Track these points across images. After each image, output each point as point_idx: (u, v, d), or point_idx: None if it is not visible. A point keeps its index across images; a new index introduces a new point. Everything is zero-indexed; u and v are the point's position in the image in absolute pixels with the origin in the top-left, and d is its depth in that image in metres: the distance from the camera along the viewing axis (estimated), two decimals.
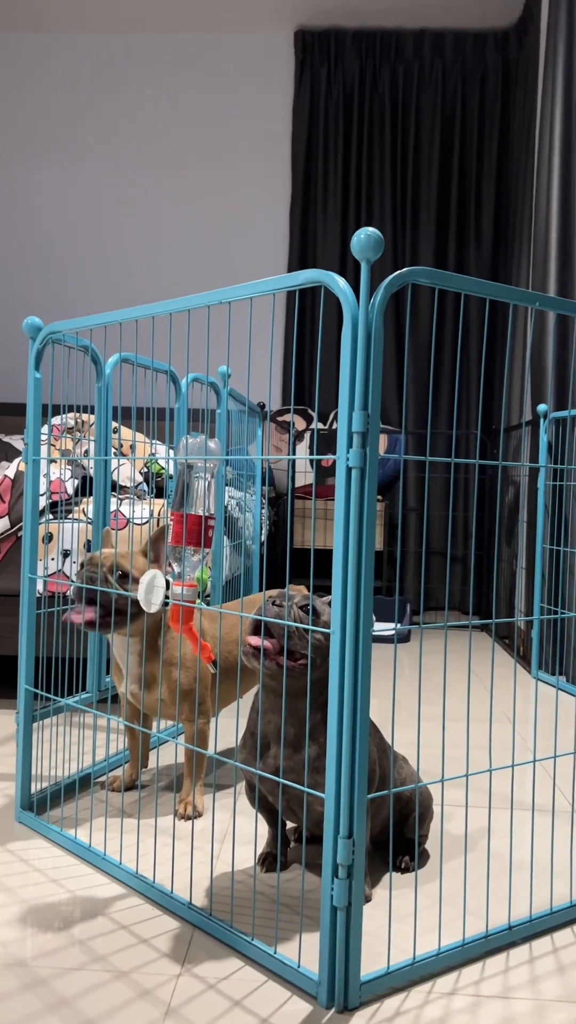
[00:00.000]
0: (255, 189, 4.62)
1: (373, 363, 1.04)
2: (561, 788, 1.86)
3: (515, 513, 3.69)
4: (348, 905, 1.05)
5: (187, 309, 1.24)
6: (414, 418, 4.47)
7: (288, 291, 4.17)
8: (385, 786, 1.31)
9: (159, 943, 1.19)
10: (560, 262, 3.12)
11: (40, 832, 1.54)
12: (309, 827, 1.36)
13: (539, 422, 3.04)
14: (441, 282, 1.09)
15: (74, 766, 1.86)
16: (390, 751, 1.29)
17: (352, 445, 1.04)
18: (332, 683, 1.06)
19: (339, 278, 1.05)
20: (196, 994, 1.07)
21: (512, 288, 1.17)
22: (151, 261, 4.65)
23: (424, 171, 4.48)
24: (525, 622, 2.61)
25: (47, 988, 1.08)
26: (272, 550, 4.05)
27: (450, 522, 1.01)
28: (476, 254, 4.47)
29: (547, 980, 1.13)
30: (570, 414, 2.88)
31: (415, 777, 1.39)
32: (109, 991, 1.08)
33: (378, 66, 4.49)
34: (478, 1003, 1.07)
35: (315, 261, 4.53)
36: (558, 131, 3.13)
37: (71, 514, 2.37)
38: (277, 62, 4.59)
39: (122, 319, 1.33)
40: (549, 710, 2.51)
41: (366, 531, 1.04)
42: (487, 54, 4.46)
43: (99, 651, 1.98)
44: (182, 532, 1.30)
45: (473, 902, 1.33)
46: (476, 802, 1.73)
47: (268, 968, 1.14)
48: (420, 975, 1.13)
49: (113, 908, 1.29)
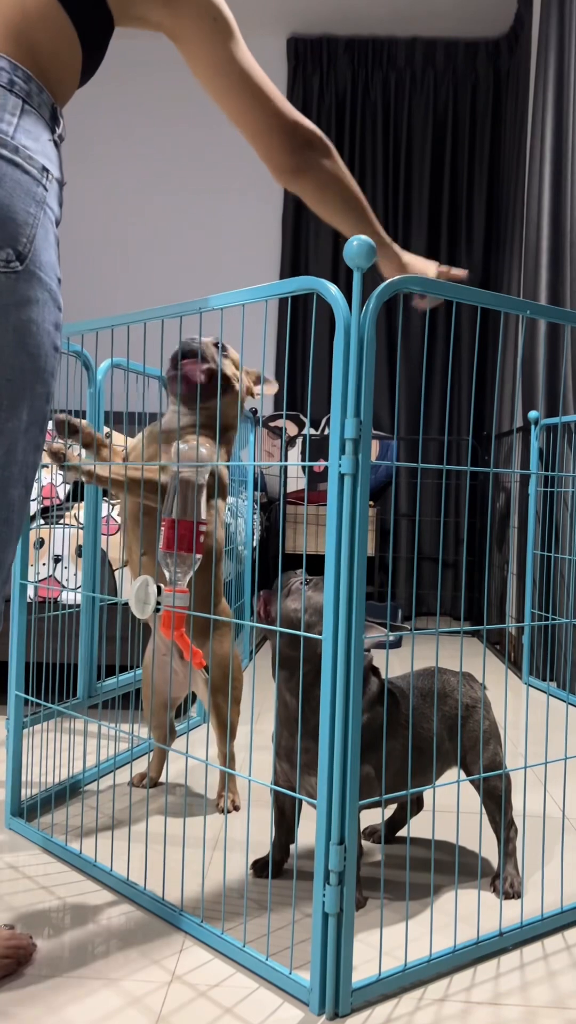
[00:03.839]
0: (248, 196, 4.63)
1: (365, 370, 1.05)
2: (552, 794, 1.86)
3: (506, 519, 3.70)
4: (339, 911, 1.05)
5: (179, 316, 1.24)
6: (406, 424, 4.48)
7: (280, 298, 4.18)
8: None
9: (150, 950, 1.19)
10: (550, 268, 3.13)
11: (30, 839, 1.54)
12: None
13: (530, 428, 3.06)
14: (432, 290, 1.10)
15: (64, 772, 1.86)
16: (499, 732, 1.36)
17: (344, 452, 1.05)
18: (324, 688, 1.06)
19: (331, 286, 1.06)
20: (187, 1001, 1.07)
21: (503, 296, 1.18)
22: (144, 267, 4.65)
23: (416, 178, 4.50)
24: (516, 628, 2.62)
25: (34, 995, 1.08)
26: (264, 555, 4.06)
27: (441, 528, 1.01)
28: (467, 261, 4.49)
29: (537, 986, 1.13)
30: (561, 420, 2.89)
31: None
32: (99, 999, 1.07)
33: (370, 74, 4.51)
34: (468, 1009, 1.07)
35: (307, 268, 4.54)
36: (548, 139, 3.15)
37: (63, 519, 2.36)
38: (270, 69, 4.61)
39: (114, 324, 1.33)
40: (540, 716, 2.51)
41: (358, 537, 1.05)
42: (478, 63, 4.49)
43: (90, 656, 1.98)
44: (174, 538, 1.30)
45: (464, 908, 1.33)
46: (467, 808, 1.73)
47: (259, 975, 1.14)
48: (411, 981, 1.13)
49: (103, 915, 1.28)
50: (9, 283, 0.91)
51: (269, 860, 1.39)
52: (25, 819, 1.60)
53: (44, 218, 0.95)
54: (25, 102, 0.95)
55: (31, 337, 0.94)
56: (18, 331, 0.93)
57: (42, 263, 0.95)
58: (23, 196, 0.92)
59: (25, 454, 0.98)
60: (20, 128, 0.93)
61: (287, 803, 1.37)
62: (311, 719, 1.22)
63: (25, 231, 0.92)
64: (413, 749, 1.29)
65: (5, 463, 0.95)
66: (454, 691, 1.37)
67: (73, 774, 1.81)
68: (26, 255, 0.92)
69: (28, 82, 0.96)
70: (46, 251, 0.96)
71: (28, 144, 0.94)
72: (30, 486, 1.01)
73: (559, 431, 2.93)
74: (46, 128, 0.99)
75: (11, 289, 0.91)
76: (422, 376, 1.62)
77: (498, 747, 1.39)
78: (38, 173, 0.95)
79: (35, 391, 0.96)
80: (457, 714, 1.35)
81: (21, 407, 0.95)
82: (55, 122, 1.01)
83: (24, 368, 0.94)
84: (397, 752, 1.29)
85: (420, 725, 1.32)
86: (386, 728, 1.24)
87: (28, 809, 1.63)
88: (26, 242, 0.92)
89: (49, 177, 0.97)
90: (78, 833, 1.56)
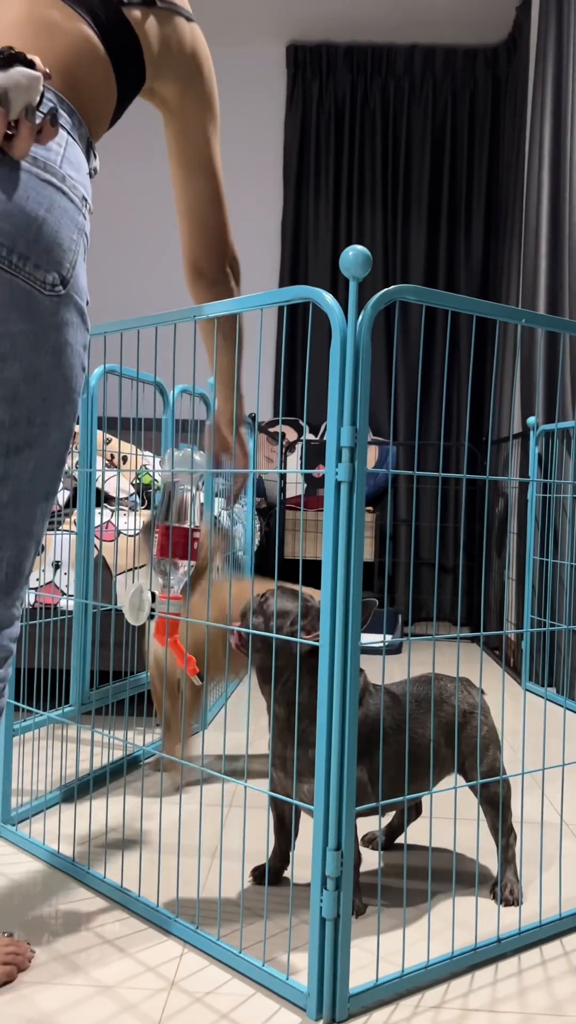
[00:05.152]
0: (247, 202, 4.64)
1: (361, 379, 1.05)
2: (551, 800, 1.86)
3: (505, 524, 3.70)
4: (337, 917, 1.05)
5: (173, 323, 1.25)
6: (404, 429, 4.48)
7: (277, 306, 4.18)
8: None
9: (145, 957, 1.19)
10: (549, 274, 3.14)
11: (22, 847, 1.54)
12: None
13: (528, 434, 3.06)
14: (428, 299, 1.10)
15: (56, 780, 1.86)
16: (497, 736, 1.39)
17: (341, 459, 1.05)
18: (321, 694, 1.06)
19: (327, 295, 1.06)
20: (183, 1007, 1.07)
21: (499, 305, 1.18)
22: (141, 273, 4.66)
23: (415, 185, 4.51)
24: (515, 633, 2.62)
25: (29, 1003, 1.08)
26: (263, 561, 4.06)
27: (438, 533, 1.02)
28: (466, 267, 4.50)
29: (534, 992, 1.13)
30: (558, 427, 2.89)
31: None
32: (94, 1006, 1.07)
33: (369, 81, 4.53)
34: (465, 1016, 1.07)
35: (306, 274, 4.55)
36: (547, 146, 3.16)
37: (62, 525, 2.37)
38: (269, 76, 4.62)
39: (109, 331, 1.34)
40: (538, 722, 2.51)
41: (355, 544, 1.05)
42: (477, 70, 4.50)
43: (83, 663, 1.98)
44: (167, 545, 1.31)
45: (461, 914, 1.33)
46: (466, 814, 1.73)
47: (257, 981, 1.14)
48: (408, 988, 1.13)
49: (97, 922, 1.28)
50: (52, 306, 0.95)
51: (266, 871, 1.39)
52: (16, 827, 1.60)
53: (83, 244, 1.00)
54: (69, 134, 1.00)
55: (66, 358, 0.98)
56: (56, 352, 0.97)
57: (79, 287, 0.99)
58: (68, 223, 0.97)
59: (51, 469, 1.01)
60: (66, 159, 0.98)
61: (286, 810, 1.37)
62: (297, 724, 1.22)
63: (69, 256, 0.97)
64: (408, 755, 1.30)
65: (32, 477, 0.99)
66: (451, 697, 1.38)
67: (66, 782, 1.81)
68: (68, 280, 0.97)
69: (72, 116, 1.01)
70: (82, 275, 1.00)
71: (72, 174, 0.99)
72: (52, 500, 1.04)
73: (557, 437, 2.93)
74: (84, 160, 1.04)
75: (54, 312, 0.95)
76: (418, 381, 1.62)
77: (497, 753, 1.39)
78: (79, 202, 0.99)
79: (64, 410, 1.00)
80: (454, 720, 1.35)
81: (51, 425, 0.99)
82: (90, 155, 1.06)
83: (58, 387, 0.98)
84: (391, 758, 1.30)
85: (415, 731, 1.32)
86: (381, 733, 1.24)
87: (20, 817, 1.63)
88: (69, 267, 0.97)
89: (88, 206, 1.02)
90: (71, 841, 1.56)
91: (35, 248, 0.92)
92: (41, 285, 0.94)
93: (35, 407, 0.96)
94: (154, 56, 1.14)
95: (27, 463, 0.97)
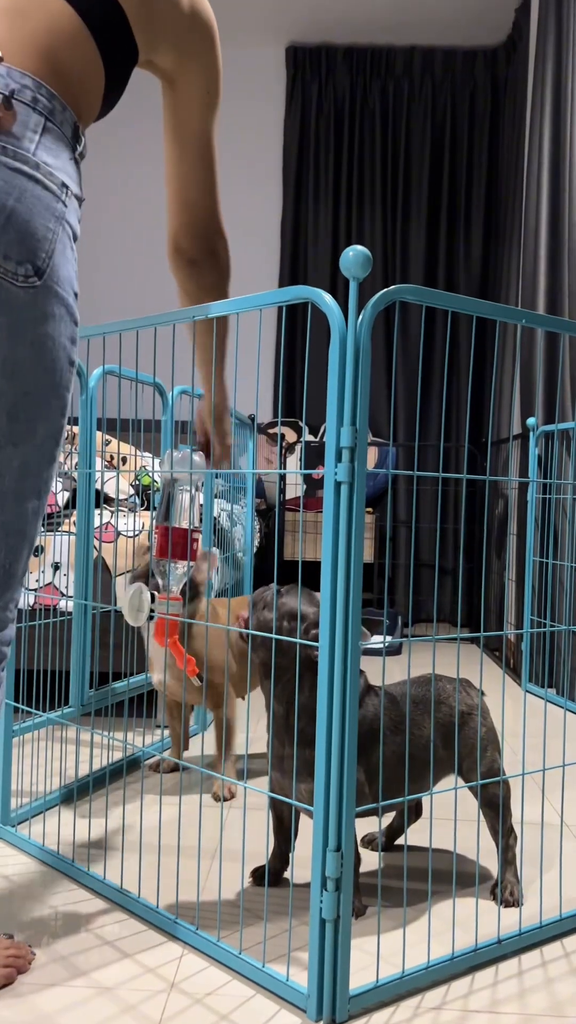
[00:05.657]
0: (246, 203, 4.64)
1: (360, 379, 1.05)
2: (551, 801, 1.86)
3: (504, 525, 3.70)
4: (337, 918, 1.05)
5: (172, 323, 1.25)
6: (404, 430, 4.48)
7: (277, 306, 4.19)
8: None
9: (145, 958, 1.19)
10: (549, 275, 3.14)
11: (21, 848, 1.53)
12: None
13: (528, 435, 3.06)
14: (428, 300, 1.10)
15: (56, 781, 1.85)
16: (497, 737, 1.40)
17: (340, 460, 1.05)
18: (320, 696, 1.06)
19: (326, 295, 1.06)
20: (183, 1009, 1.07)
21: (499, 305, 1.18)
22: (140, 274, 4.66)
23: (415, 186, 4.51)
24: (515, 634, 2.62)
25: (30, 1005, 1.08)
26: (263, 562, 4.05)
27: (438, 534, 1.02)
28: (466, 268, 4.50)
29: (535, 993, 1.13)
30: (558, 427, 2.89)
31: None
32: (94, 1008, 1.07)
33: (369, 82, 4.53)
34: (465, 1017, 1.07)
35: (306, 275, 4.55)
36: (546, 147, 3.16)
37: (61, 527, 2.36)
38: (269, 78, 4.63)
39: (106, 332, 1.34)
40: (539, 723, 2.51)
41: (354, 545, 1.05)
42: (476, 71, 4.50)
43: (83, 664, 1.98)
44: (167, 545, 1.31)
45: (462, 915, 1.33)
46: (465, 815, 1.73)
47: (256, 982, 1.13)
48: (409, 989, 1.13)
49: (97, 924, 1.28)
50: (28, 298, 0.93)
51: (266, 872, 1.38)
52: (16, 828, 1.60)
53: (62, 233, 0.97)
54: (48, 119, 0.97)
55: (48, 352, 0.96)
56: (35, 346, 0.95)
57: (60, 278, 0.96)
58: (43, 212, 0.94)
59: (40, 467, 0.99)
60: (41, 145, 0.96)
61: (285, 811, 1.37)
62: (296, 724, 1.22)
63: (44, 246, 0.94)
64: (408, 756, 1.29)
65: (21, 476, 0.97)
66: (450, 697, 1.37)
67: (65, 783, 1.81)
68: (44, 270, 0.94)
69: (51, 100, 0.98)
70: (64, 266, 0.97)
71: (49, 160, 0.96)
72: (44, 499, 1.02)
73: (557, 437, 2.93)
74: (67, 146, 1.01)
75: (30, 304, 0.93)
76: (418, 382, 1.62)
77: (496, 754, 1.39)
78: (58, 189, 0.97)
79: (51, 405, 0.98)
80: (454, 721, 1.35)
81: (37, 421, 0.97)
82: (76, 140, 1.03)
83: (41, 382, 0.96)
84: (389, 759, 1.29)
85: (413, 732, 1.32)
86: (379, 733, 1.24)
87: (19, 818, 1.62)
88: (45, 257, 0.94)
89: (68, 193, 0.99)
90: (71, 842, 1.55)
91: (3, 238, 0.90)
92: (13, 277, 0.91)
93: (16, 403, 0.94)
94: (144, 26, 1.08)
95: (11, 461, 0.95)
